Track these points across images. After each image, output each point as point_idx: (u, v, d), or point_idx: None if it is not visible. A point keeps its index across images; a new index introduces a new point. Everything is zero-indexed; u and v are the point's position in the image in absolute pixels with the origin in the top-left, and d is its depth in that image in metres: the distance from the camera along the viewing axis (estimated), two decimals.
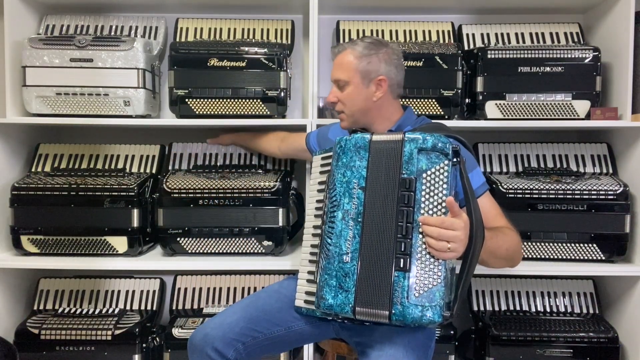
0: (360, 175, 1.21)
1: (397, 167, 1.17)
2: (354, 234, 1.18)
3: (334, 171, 1.25)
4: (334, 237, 1.20)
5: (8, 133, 2.09)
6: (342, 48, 1.50)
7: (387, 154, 1.20)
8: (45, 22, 2.23)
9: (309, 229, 1.41)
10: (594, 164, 2.13)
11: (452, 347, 1.98)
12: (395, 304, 1.11)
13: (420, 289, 1.11)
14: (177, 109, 2.02)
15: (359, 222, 1.18)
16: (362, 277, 1.16)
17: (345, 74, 1.47)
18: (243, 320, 1.37)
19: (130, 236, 1.99)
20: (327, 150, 1.40)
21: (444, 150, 1.15)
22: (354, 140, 1.24)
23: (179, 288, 2.21)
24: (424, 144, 1.16)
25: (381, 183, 1.19)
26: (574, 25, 2.24)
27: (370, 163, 1.21)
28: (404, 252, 1.12)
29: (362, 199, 1.19)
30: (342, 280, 1.17)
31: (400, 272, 1.12)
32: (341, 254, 1.18)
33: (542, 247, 1.97)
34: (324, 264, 1.21)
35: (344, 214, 1.20)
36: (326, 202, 1.28)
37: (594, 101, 2.00)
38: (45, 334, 1.94)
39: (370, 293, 1.14)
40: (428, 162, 1.15)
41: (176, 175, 2.06)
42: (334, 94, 1.51)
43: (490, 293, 2.14)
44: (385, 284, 1.13)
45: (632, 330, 1.99)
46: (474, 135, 2.27)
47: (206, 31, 2.25)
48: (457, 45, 2.04)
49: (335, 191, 1.23)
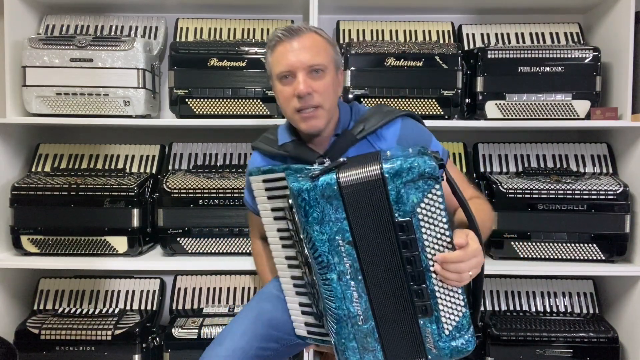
0: (342, 229, 1.02)
1: (386, 211, 1.00)
2: (359, 294, 1.05)
3: (305, 228, 1.05)
4: (337, 301, 1.06)
5: (8, 133, 2.09)
6: (303, 30, 1.22)
7: (368, 198, 1.00)
8: (45, 22, 2.23)
9: (280, 259, 1.25)
10: (594, 164, 2.13)
11: None
12: (430, 349, 1.05)
13: (449, 325, 1.04)
14: (177, 109, 2.02)
15: (359, 280, 1.04)
16: (386, 334, 1.06)
17: (323, 58, 1.22)
18: (255, 340, 1.23)
19: (130, 236, 1.98)
20: (266, 171, 1.19)
21: (433, 175, 0.98)
22: (319, 190, 1.01)
23: (179, 288, 2.21)
24: (410, 176, 0.98)
25: (372, 233, 1.02)
26: (574, 25, 2.24)
27: (350, 213, 1.01)
28: (424, 299, 1.03)
29: (355, 255, 1.03)
30: (364, 341, 1.06)
31: (426, 318, 1.04)
32: (352, 317, 1.06)
33: (542, 247, 1.97)
34: (336, 328, 1.07)
35: (340, 274, 1.04)
36: (306, 255, 1.10)
37: (594, 101, 2.00)
38: (45, 334, 1.93)
39: (400, 347, 1.06)
40: (418, 192, 0.99)
41: (176, 175, 2.06)
42: (308, 83, 1.19)
43: (490, 293, 2.14)
44: (413, 334, 1.05)
45: (632, 330, 1.99)
46: (474, 135, 2.27)
47: (206, 31, 2.25)
48: (457, 45, 2.04)
49: (318, 251, 1.05)
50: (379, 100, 1.98)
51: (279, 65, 1.22)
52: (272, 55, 1.25)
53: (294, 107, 1.21)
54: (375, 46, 2.01)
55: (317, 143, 1.32)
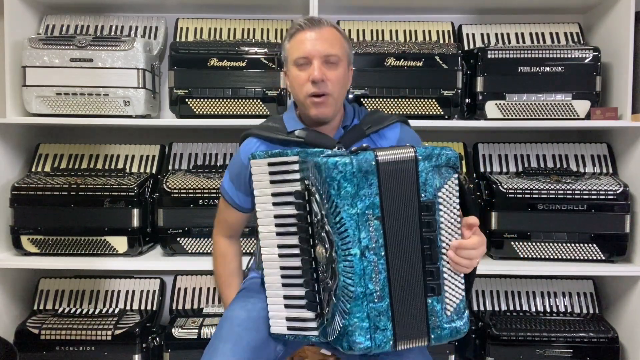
0: (373, 204, 1.07)
1: (414, 191, 1.08)
2: (380, 270, 1.08)
3: (335, 202, 1.07)
4: (356, 278, 1.07)
5: (8, 133, 2.09)
6: (323, 23, 1.30)
7: (400, 176, 1.08)
8: (45, 22, 2.23)
9: (270, 248, 1.23)
10: (594, 164, 2.13)
11: (452, 347, 1.98)
12: (434, 329, 1.10)
13: (450, 307, 1.11)
14: (177, 109, 2.02)
15: (382, 256, 1.08)
16: (398, 312, 1.09)
17: (339, 49, 1.29)
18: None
19: (130, 236, 1.99)
20: (274, 155, 1.21)
21: (455, 165, 1.09)
22: (357, 165, 1.06)
23: (179, 288, 2.21)
24: (438, 161, 1.08)
25: (399, 210, 1.08)
26: (574, 25, 2.24)
27: (383, 190, 1.07)
28: (435, 279, 1.10)
29: (381, 231, 1.08)
30: (377, 320, 1.08)
31: (434, 298, 1.10)
32: (369, 294, 1.08)
33: (542, 247, 1.97)
34: (350, 307, 1.08)
35: (363, 250, 1.07)
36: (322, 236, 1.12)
37: (594, 101, 2.00)
38: (45, 334, 1.93)
39: (409, 326, 1.10)
40: (440, 178, 1.09)
41: (176, 175, 2.06)
42: (323, 71, 1.26)
43: (490, 293, 2.14)
44: (422, 313, 1.10)
45: (632, 330, 1.99)
46: (474, 135, 2.27)
47: (206, 31, 2.25)
48: (457, 45, 2.04)
49: (345, 226, 1.07)
50: (379, 100, 1.98)
51: (297, 51, 1.28)
52: (291, 41, 1.31)
53: (307, 92, 1.28)
54: (375, 46, 2.01)
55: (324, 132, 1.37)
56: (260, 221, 1.24)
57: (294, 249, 1.21)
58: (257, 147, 1.40)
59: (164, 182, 2.00)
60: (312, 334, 1.20)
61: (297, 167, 1.18)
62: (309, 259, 1.17)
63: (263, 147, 1.39)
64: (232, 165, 1.45)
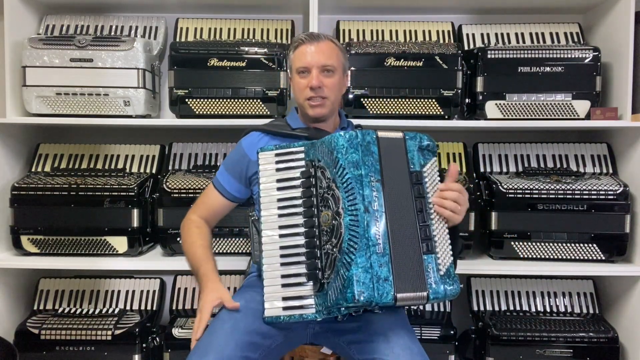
0: (375, 169, 1.26)
1: (404, 162, 1.29)
2: (381, 224, 1.22)
3: (343, 165, 1.25)
4: (361, 229, 1.20)
5: (8, 133, 2.09)
6: (322, 37, 1.49)
7: (394, 150, 1.30)
8: (45, 22, 2.23)
9: (271, 230, 1.32)
10: (594, 164, 2.13)
11: (452, 347, 1.98)
12: (430, 284, 1.21)
13: (442, 267, 1.23)
14: (177, 109, 2.02)
15: (383, 212, 1.23)
16: (397, 264, 1.20)
17: (334, 60, 1.48)
18: (238, 349, 1.24)
19: (130, 236, 1.99)
20: (282, 147, 1.38)
21: (434, 149, 1.33)
22: (362, 136, 1.27)
23: (179, 288, 2.21)
24: (421, 142, 1.32)
25: (395, 176, 1.27)
26: (574, 25, 2.24)
27: (382, 158, 1.28)
28: (428, 237, 1.25)
29: (382, 192, 1.24)
30: (379, 270, 1.19)
31: (429, 255, 1.23)
32: (372, 245, 1.20)
33: (542, 247, 1.97)
34: (354, 258, 1.19)
35: (367, 205, 1.22)
36: (331, 194, 1.26)
37: (594, 101, 2.00)
38: (45, 334, 1.93)
39: (407, 278, 1.20)
40: (423, 158, 1.32)
41: (176, 175, 2.06)
42: (320, 79, 1.46)
43: (490, 293, 2.14)
44: (419, 267, 1.22)
45: (632, 330, 1.99)
46: (474, 135, 2.27)
47: (206, 31, 2.25)
48: (457, 45, 2.04)
49: (350, 185, 1.24)
50: (379, 100, 1.98)
51: (299, 62, 1.48)
52: (294, 53, 1.50)
53: (306, 96, 1.47)
54: (375, 46, 2.01)
55: None
56: (264, 206, 1.35)
57: (296, 228, 1.32)
58: (260, 138, 1.53)
59: (164, 182, 2.00)
60: (309, 312, 1.27)
61: (302, 155, 1.35)
62: (312, 228, 1.28)
63: (266, 138, 1.53)
64: (228, 157, 1.57)
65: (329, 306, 1.22)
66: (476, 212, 2.00)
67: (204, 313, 1.30)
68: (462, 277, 2.17)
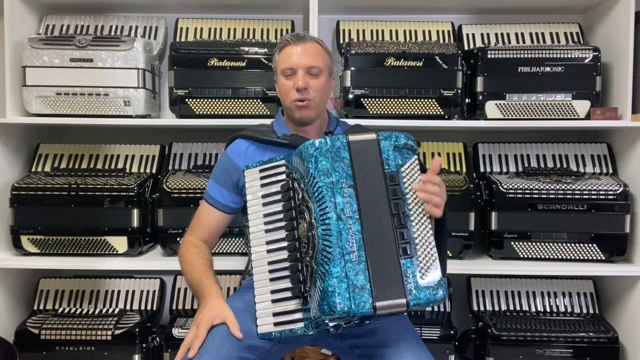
0: (346, 174, 1.22)
1: (379, 164, 1.24)
2: (355, 232, 1.18)
3: (313, 174, 1.22)
4: (333, 239, 1.17)
5: (8, 133, 2.09)
6: (307, 38, 1.47)
7: (366, 152, 1.25)
8: (45, 22, 2.23)
9: (259, 247, 1.32)
10: (594, 164, 2.13)
11: (452, 347, 1.98)
12: (410, 290, 1.15)
13: (424, 270, 1.18)
14: (177, 109, 2.02)
15: (356, 219, 1.19)
16: (374, 271, 1.16)
17: (320, 62, 1.46)
18: (234, 350, 1.23)
19: (130, 236, 1.99)
20: (265, 162, 1.36)
21: (413, 147, 1.27)
22: (331, 143, 1.24)
23: (179, 288, 2.21)
24: (397, 142, 1.27)
25: (368, 180, 1.22)
26: (574, 25, 2.25)
27: (354, 162, 1.23)
28: (406, 240, 1.19)
29: (355, 197, 1.21)
30: (355, 279, 1.14)
31: (408, 259, 1.18)
32: (347, 254, 1.16)
33: (542, 247, 1.97)
34: (328, 268, 1.15)
35: (339, 213, 1.18)
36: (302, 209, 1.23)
37: (594, 101, 2.00)
38: (45, 334, 1.94)
39: (385, 286, 1.15)
40: (402, 157, 1.26)
41: (176, 175, 2.06)
42: (306, 80, 1.43)
43: (490, 293, 2.14)
44: (397, 273, 1.16)
45: (632, 330, 1.99)
46: (474, 135, 2.27)
47: (206, 31, 2.25)
48: (457, 45, 2.04)
49: (321, 193, 1.20)
50: (379, 100, 1.98)
51: (284, 63, 1.45)
52: (280, 54, 1.48)
53: (292, 98, 1.45)
54: (375, 46, 2.01)
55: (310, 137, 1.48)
56: (252, 222, 1.35)
57: (281, 242, 1.30)
58: (246, 147, 1.53)
59: (164, 182, 2.00)
60: (298, 326, 1.24)
61: (283, 168, 1.33)
62: (293, 241, 1.26)
63: (253, 147, 1.52)
64: (216, 168, 1.54)
65: (313, 319, 1.19)
66: (476, 212, 2.00)
67: (201, 329, 1.23)
68: (462, 277, 2.17)
